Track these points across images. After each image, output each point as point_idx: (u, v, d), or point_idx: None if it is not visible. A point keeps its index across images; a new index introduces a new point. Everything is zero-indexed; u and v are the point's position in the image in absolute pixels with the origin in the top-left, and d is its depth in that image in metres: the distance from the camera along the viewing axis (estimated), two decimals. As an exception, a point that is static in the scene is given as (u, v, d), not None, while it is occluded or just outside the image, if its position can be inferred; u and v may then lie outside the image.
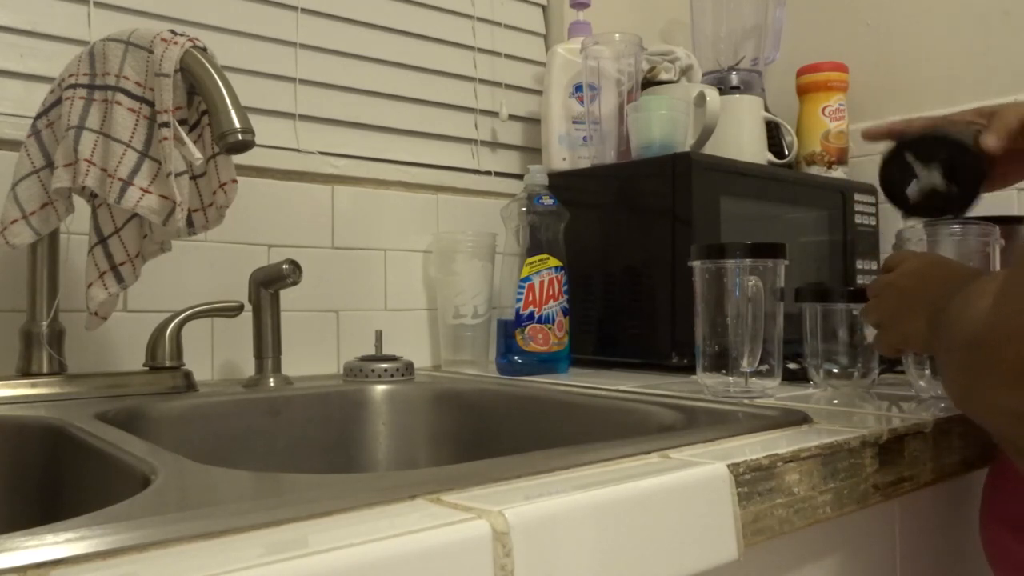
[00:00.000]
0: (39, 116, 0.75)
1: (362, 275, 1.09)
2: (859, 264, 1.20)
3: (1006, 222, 0.80)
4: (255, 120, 0.70)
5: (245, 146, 0.67)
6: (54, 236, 0.78)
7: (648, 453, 0.49)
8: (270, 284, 0.87)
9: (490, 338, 1.09)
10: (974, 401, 0.48)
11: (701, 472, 0.45)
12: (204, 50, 0.71)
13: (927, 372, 0.74)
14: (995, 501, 0.62)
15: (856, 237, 1.20)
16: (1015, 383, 0.43)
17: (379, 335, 1.00)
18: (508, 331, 0.99)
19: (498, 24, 1.29)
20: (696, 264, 0.77)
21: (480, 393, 0.87)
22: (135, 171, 0.70)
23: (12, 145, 0.81)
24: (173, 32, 0.71)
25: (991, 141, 0.73)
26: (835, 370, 0.80)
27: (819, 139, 1.29)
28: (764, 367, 0.74)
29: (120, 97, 0.71)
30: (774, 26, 1.27)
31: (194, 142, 0.73)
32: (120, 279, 0.75)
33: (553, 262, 0.98)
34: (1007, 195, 1.11)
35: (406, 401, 0.89)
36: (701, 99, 1.04)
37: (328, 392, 0.86)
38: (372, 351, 1.00)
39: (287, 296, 0.92)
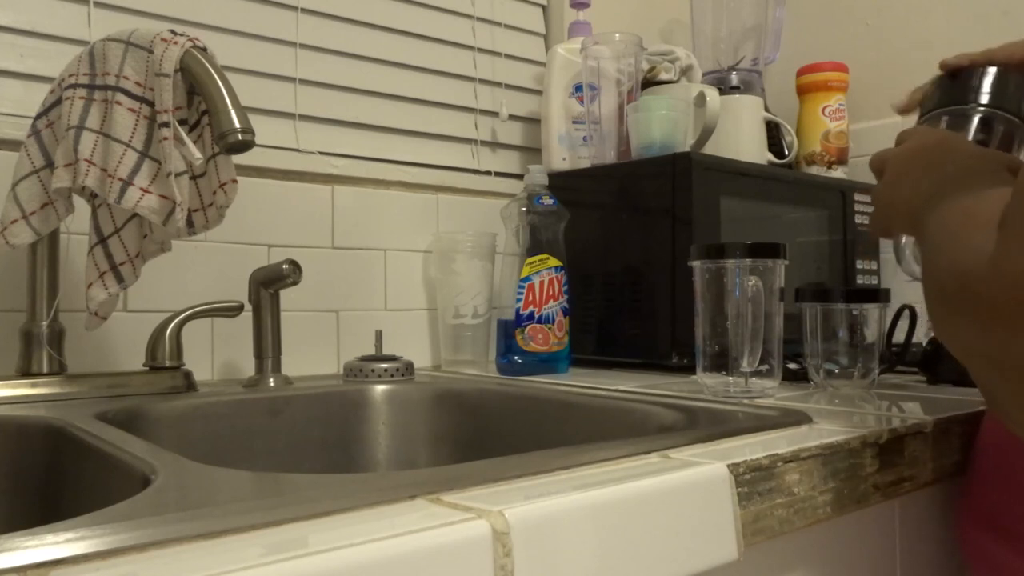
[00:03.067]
0: (39, 116, 0.75)
1: (362, 275, 1.09)
2: (859, 264, 1.20)
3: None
4: (255, 120, 0.70)
5: (245, 146, 0.67)
6: (54, 236, 0.78)
7: (648, 453, 0.49)
8: (270, 284, 0.87)
9: (490, 338, 1.09)
10: (951, 336, 0.44)
11: (701, 472, 0.45)
12: (204, 50, 0.71)
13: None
14: (971, 501, 0.62)
15: (856, 237, 1.20)
16: (991, 324, 0.39)
17: (379, 335, 1.00)
18: (508, 331, 0.99)
19: (498, 24, 1.29)
20: (696, 264, 0.77)
21: (480, 393, 0.87)
22: (135, 171, 0.70)
23: (12, 145, 0.81)
24: (173, 32, 0.71)
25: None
26: (835, 370, 0.80)
27: (819, 139, 1.29)
28: (764, 367, 0.74)
29: (120, 97, 0.71)
30: (774, 26, 1.27)
31: (194, 142, 0.73)
32: (120, 279, 0.75)
33: (553, 262, 0.98)
34: None
35: (406, 401, 0.89)
36: (701, 99, 1.04)
37: (328, 392, 0.86)
38: (372, 351, 1.00)
39: (287, 296, 0.92)
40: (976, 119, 0.67)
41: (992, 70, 0.68)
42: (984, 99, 0.67)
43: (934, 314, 0.46)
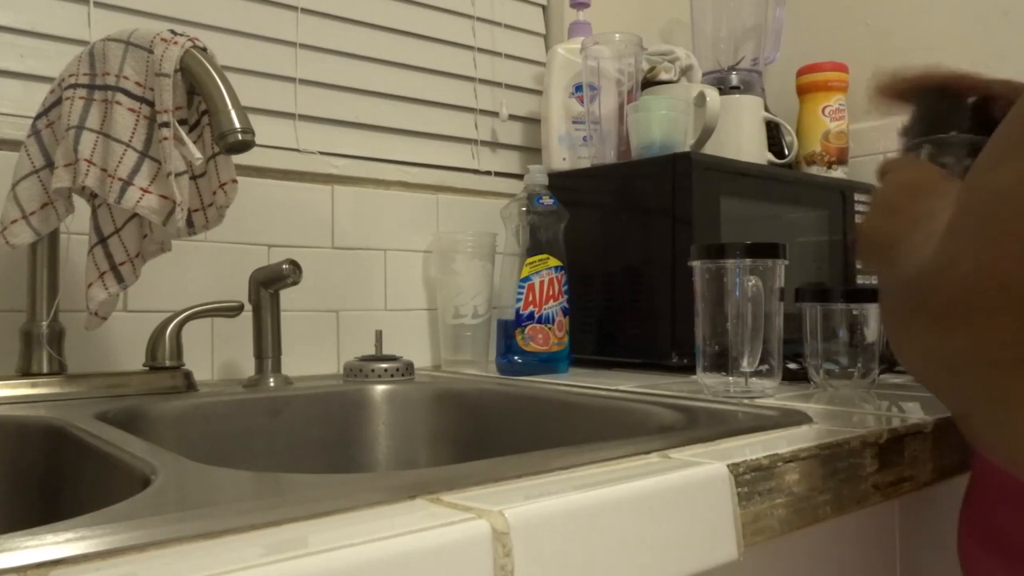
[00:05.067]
0: (39, 116, 0.75)
1: (362, 275, 1.09)
2: (859, 264, 1.20)
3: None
4: (255, 120, 0.70)
5: (245, 146, 0.67)
6: (54, 236, 0.78)
7: (648, 453, 0.49)
8: (270, 284, 0.87)
9: (490, 338, 1.09)
10: (904, 346, 0.43)
11: (701, 472, 0.45)
12: (204, 50, 0.71)
13: None
14: (966, 509, 0.61)
15: (856, 237, 1.20)
16: (943, 323, 0.38)
17: (379, 335, 1.00)
18: (508, 331, 0.99)
19: (498, 24, 1.29)
20: (696, 264, 0.77)
21: (480, 393, 0.87)
22: (135, 171, 0.70)
23: (12, 145, 0.81)
24: (173, 32, 0.71)
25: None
26: (835, 370, 0.80)
27: (819, 139, 1.29)
28: (764, 367, 0.74)
29: (120, 97, 0.71)
30: (774, 26, 1.27)
31: (194, 142, 0.73)
32: (120, 279, 0.75)
33: (553, 262, 0.98)
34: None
35: (406, 401, 0.89)
36: (701, 99, 1.04)
37: (328, 392, 0.86)
38: (372, 351, 1.00)
39: (287, 296, 0.92)
40: (956, 148, 0.68)
41: (970, 101, 0.69)
42: (963, 128, 0.68)
43: (888, 327, 0.46)
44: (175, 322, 0.82)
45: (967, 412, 0.39)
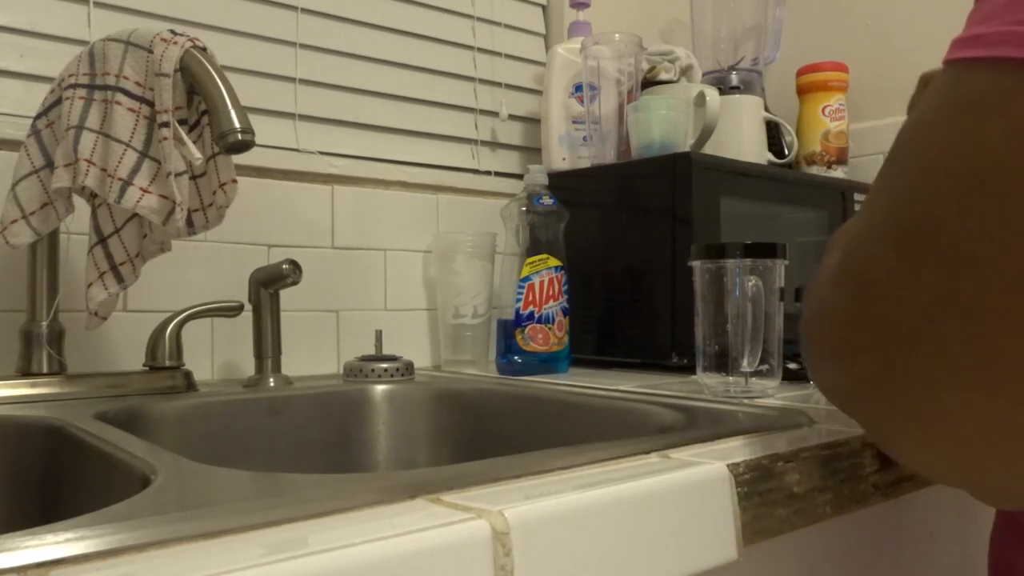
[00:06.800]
0: (39, 116, 0.75)
1: (362, 275, 1.09)
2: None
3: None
4: (255, 120, 0.70)
5: (245, 146, 0.67)
6: (54, 236, 0.78)
7: (648, 453, 0.49)
8: (270, 284, 0.87)
9: (490, 338, 1.09)
10: (816, 378, 0.48)
11: (701, 472, 0.45)
12: (204, 50, 0.71)
13: None
14: (997, 549, 0.59)
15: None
16: (816, 363, 0.45)
17: (379, 335, 1.00)
18: (508, 331, 0.99)
19: (498, 24, 1.29)
20: (696, 264, 0.77)
21: (480, 393, 0.87)
22: (135, 171, 0.70)
23: (12, 145, 0.81)
24: (173, 32, 0.71)
25: None
26: (835, 370, 0.80)
27: (819, 139, 1.29)
28: (764, 367, 0.74)
29: (120, 97, 0.71)
30: (774, 26, 1.27)
31: (194, 142, 0.73)
32: (120, 279, 0.75)
33: (553, 262, 0.98)
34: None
35: (406, 401, 0.89)
36: (701, 99, 1.04)
37: (328, 392, 0.86)
38: (372, 351, 1.00)
39: (287, 296, 0.92)
40: None
41: None
42: None
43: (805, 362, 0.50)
44: (175, 322, 0.82)
45: (880, 435, 0.43)
